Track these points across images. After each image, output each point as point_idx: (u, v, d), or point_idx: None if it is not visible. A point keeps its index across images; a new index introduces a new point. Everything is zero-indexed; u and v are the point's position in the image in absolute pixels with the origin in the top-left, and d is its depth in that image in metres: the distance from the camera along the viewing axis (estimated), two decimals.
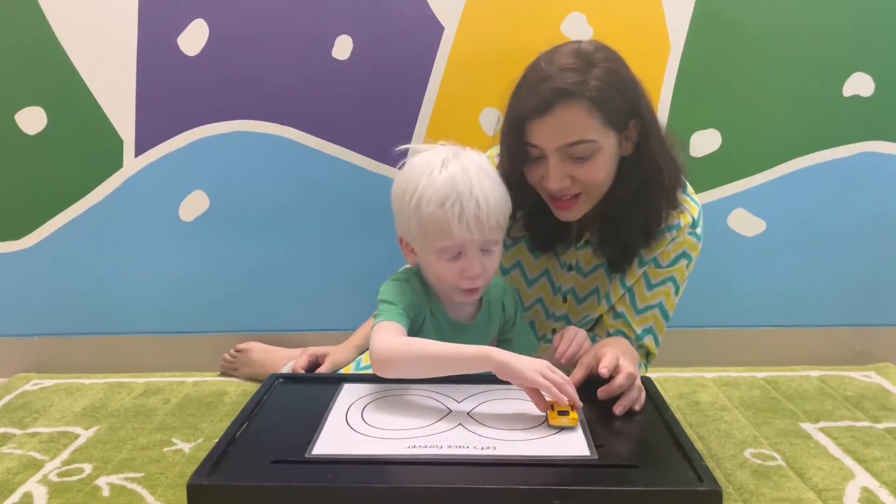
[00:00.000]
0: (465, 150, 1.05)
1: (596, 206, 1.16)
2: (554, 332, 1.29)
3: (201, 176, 1.73)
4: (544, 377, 0.90)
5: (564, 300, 1.28)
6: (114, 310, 1.77)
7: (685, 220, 1.20)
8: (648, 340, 1.24)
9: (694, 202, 1.22)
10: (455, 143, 1.07)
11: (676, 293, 1.24)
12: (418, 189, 1.00)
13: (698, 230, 1.21)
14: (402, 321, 1.02)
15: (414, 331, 1.07)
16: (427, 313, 1.09)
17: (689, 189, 1.23)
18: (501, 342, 1.17)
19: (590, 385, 1.02)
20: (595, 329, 1.29)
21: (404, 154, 1.15)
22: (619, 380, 0.98)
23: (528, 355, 0.95)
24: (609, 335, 1.24)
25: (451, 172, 1.00)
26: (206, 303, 1.77)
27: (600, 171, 1.10)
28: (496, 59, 1.63)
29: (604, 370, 0.99)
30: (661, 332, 1.26)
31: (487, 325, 1.13)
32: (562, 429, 0.90)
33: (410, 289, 1.08)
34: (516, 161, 1.13)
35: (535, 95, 1.06)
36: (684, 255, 1.21)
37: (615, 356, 1.01)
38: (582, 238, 1.24)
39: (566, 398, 0.91)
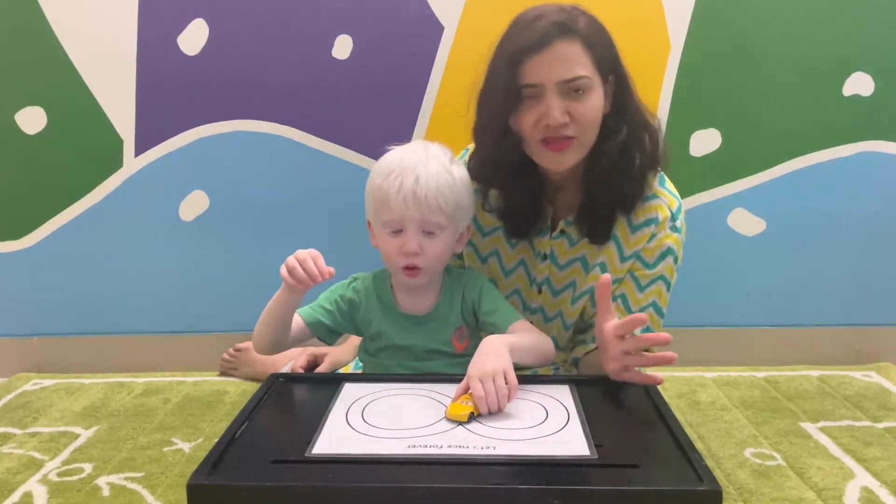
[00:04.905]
0: (436, 145, 1.12)
1: (578, 174, 1.18)
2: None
3: (201, 176, 1.73)
4: (291, 261, 1.06)
5: (539, 291, 1.28)
6: (114, 310, 1.77)
7: (663, 213, 1.20)
8: None
9: (673, 196, 1.22)
10: (441, 144, 1.13)
11: (668, 289, 1.24)
12: (375, 166, 1.10)
13: (678, 223, 1.21)
14: (305, 312, 1.14)
15: (365, 324, 1.15)
16: (376, 307, 1.15)
17: (668, 183, 1.23)
18: (485, 325, 1.16)
19: (590, 387, 1.03)
20: (590, 331, 1.29)
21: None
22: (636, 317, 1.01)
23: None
24: None
25: (404, 153, 1.09)
26: (206, 303, 1.77)
27: (595, 109, 1.11)
28: None
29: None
30: (658, 328, 1.26)
31: (448, 315, 1.15)
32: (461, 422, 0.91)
33: (350, 286, 1.17)
34: (503, 109, 1.12)
35: (531, 31, 1.08)
36: (669, 251, 1.21)
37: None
38: (556, 228, 1.24)
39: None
